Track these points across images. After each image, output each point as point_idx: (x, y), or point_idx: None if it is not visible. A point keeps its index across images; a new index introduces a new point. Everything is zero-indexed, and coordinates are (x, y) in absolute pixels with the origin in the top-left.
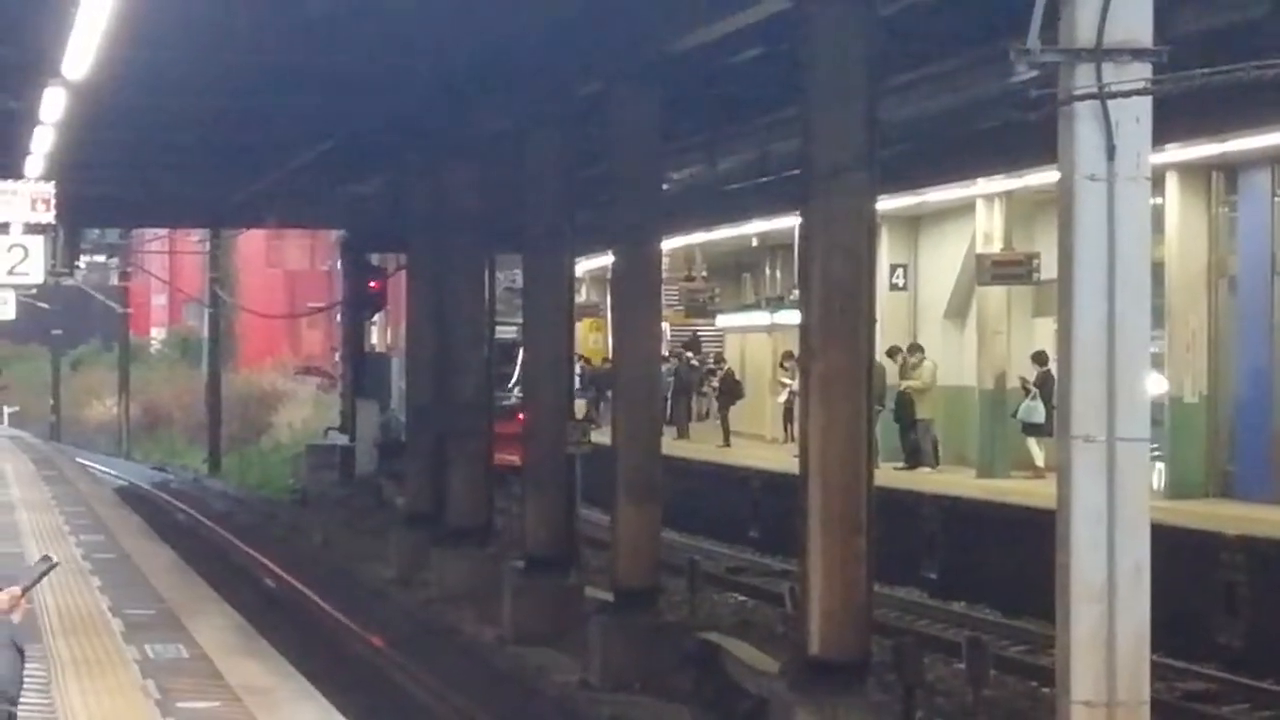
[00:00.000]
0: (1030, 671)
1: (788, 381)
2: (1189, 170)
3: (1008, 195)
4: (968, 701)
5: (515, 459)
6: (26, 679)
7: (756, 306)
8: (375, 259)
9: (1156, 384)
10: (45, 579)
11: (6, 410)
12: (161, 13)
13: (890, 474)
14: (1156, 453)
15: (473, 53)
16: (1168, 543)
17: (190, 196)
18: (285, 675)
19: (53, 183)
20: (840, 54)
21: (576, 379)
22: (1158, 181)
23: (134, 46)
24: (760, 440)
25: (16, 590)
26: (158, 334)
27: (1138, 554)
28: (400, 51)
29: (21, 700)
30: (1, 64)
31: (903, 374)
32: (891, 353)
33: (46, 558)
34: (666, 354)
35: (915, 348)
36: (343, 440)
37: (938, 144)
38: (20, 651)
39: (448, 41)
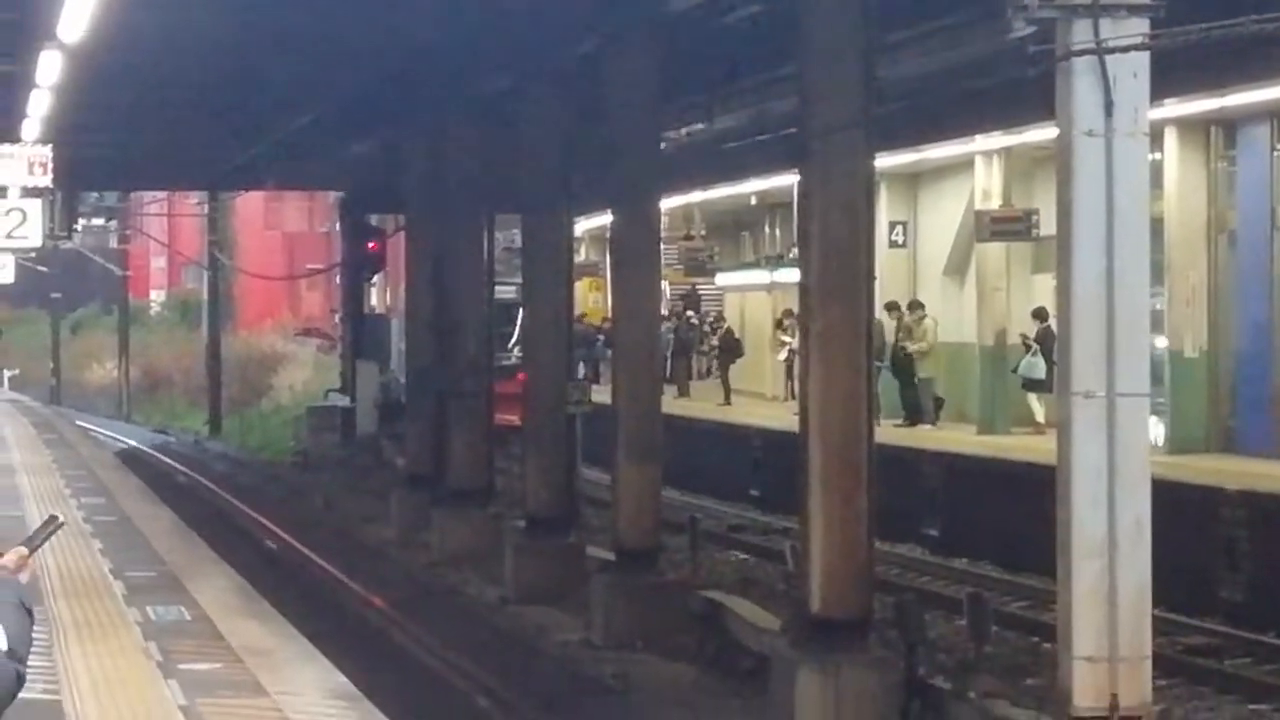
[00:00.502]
0: (1032, 627)
1: (787, 339)
2: (1187, 125)
3: (1006, 151)
4: (970, 657)
5: (515, 419)
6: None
7: (756, 265)
8: (374, 220)
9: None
10: (51, 539)
11: (6, 374)
12: None
13: (891, 431)
14: (1157, 408)
15: (471, 12)
16: (1168, 498)
17: (188, 159)
18: (287, 636)
19: (50, 146)
20: (837, 11)
21: None
22: (1156, 137)
23: (130, 8)
24: (761, 399)
25: (24, 550)
26: (157, 297)
27: (1138, 509)
28: (399, 11)
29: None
30: None
31: (901, 330)
32: (890, 307)
33: (53, 517)
34: (666, 313)
35: (915, 304)
36: (343, 402)
37: (936, 101)
38: (29, 611)
39: (447, 1)
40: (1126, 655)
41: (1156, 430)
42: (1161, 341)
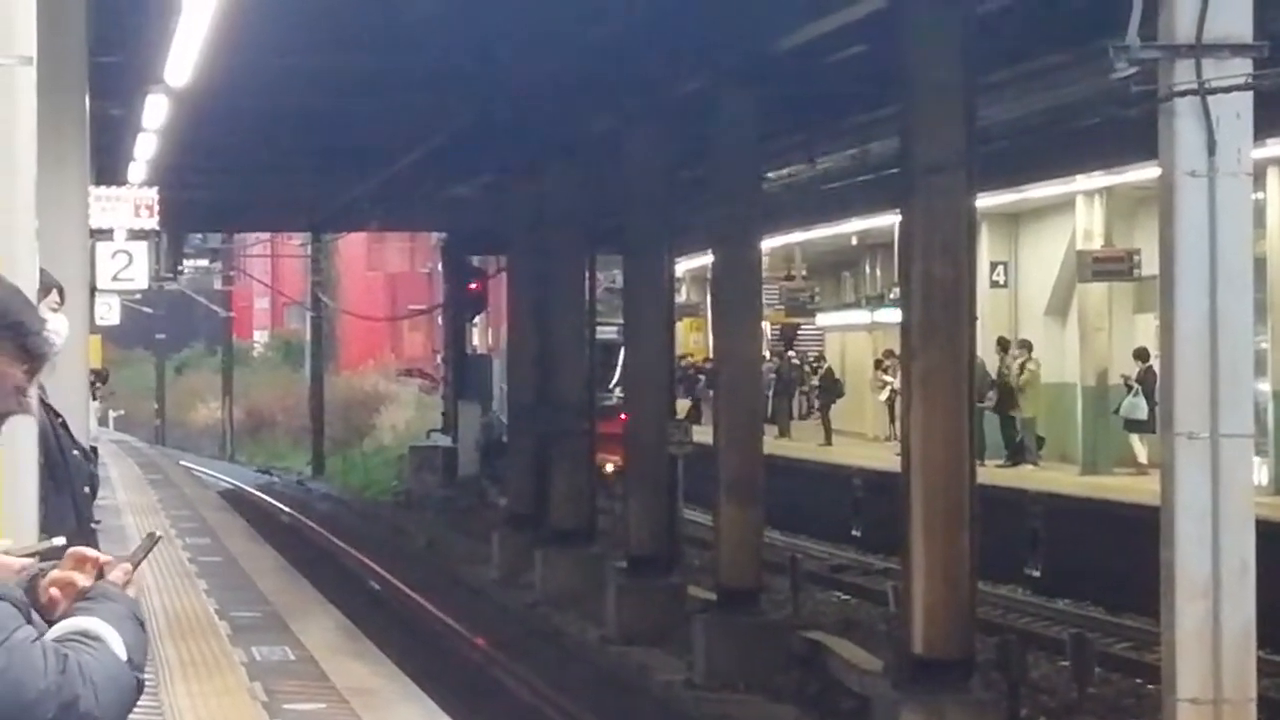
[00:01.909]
0: (1135, 669)
1: (888, 379)
2: None
3: (1108, 191)
4: (1072, 699)
5: (617, 459)
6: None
7: (856, 305)
8: (476, 260)
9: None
10: (151, 556)
11: (112, 414)
12: (262, 18)
13: (993, 471)
14: (1260, 449)
15: (574, 52)
16: (1273, 538)
17: (291, 200)
18: (390, 676)
19: (155, 188)
20: (938, 52)
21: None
22: (1259, 176)
23: (234, 52)
24: (861, 439)
25: (129, 566)
26: (260, 337)
27: (1243, 550)
28: (501, 52)
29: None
30: (104, 72)
31: (1004, 368)
32: (1002, 344)
33: (151, 534)
34: (767, 353)
35: (1023, 343)
36: (445, 442)
37: (1037, 141)
38: (141, 624)
39: (549, 41)
40: (1231, 697)
41: (1260, 472)
42: (1265, 384)
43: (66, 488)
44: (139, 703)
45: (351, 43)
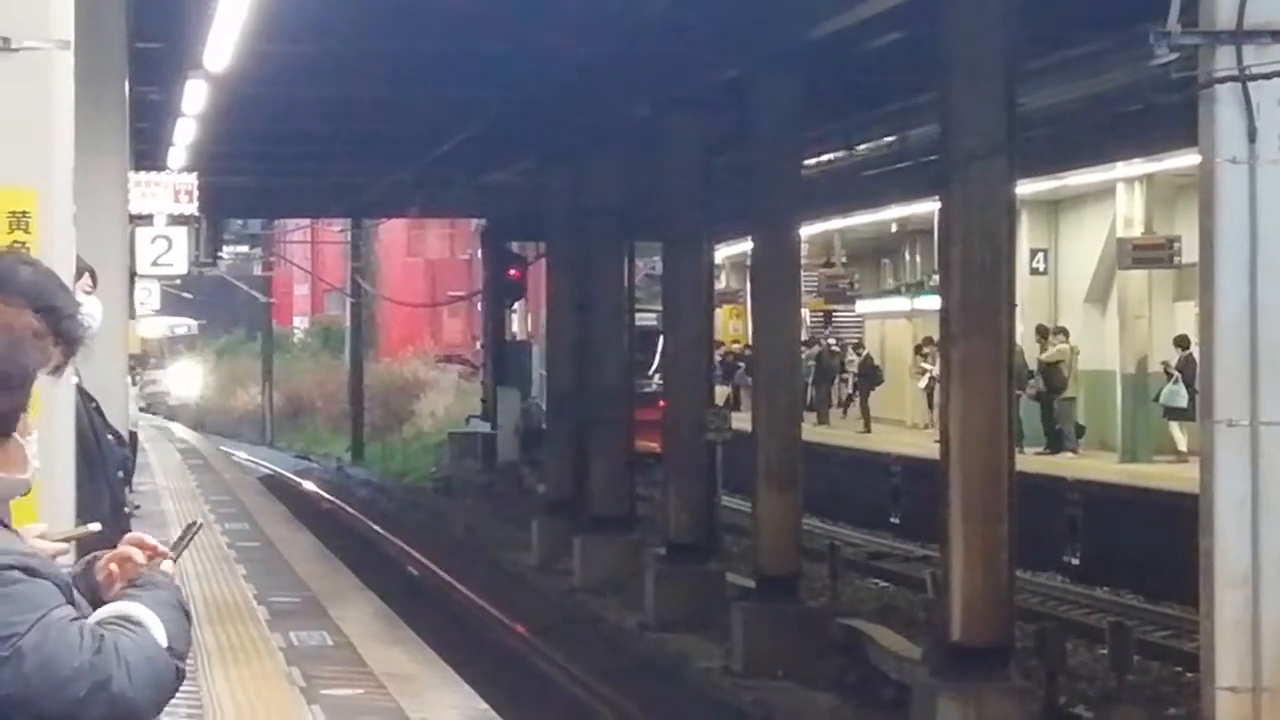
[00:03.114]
0: (1174, 657)
1: (927, 366)
2: None
3: (1148, 179)
4: (1111, 687)
5: (655, 445)
6: None
7: (896, 292)
8: (515, 247)
9: None
10: (191, 543)
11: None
12: (301, 4)
13: (1032, 459)
14: None
15: (613, 39)
16: None
17: (331, 187)
18: (428, 662)
19: (195, 174)
20: (978, 38)
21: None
22: None
23: (274, 38)
24: (900, 425)
25: (171, 555)
26: (300, 323)
27: None
28: (541, 39)
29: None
30: (144, 57)
31: (1046, 354)
32: (1040, 332)
33: (193, 522)
34: (806, 340)
35: (1059, 330)
36: (484, 428)
37: (1077, 128)
38: (186, 613)
39: (588, 28)
40: (1271, 686)
41: None
42: None
43: (101, 473)
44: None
45: (390, 29)
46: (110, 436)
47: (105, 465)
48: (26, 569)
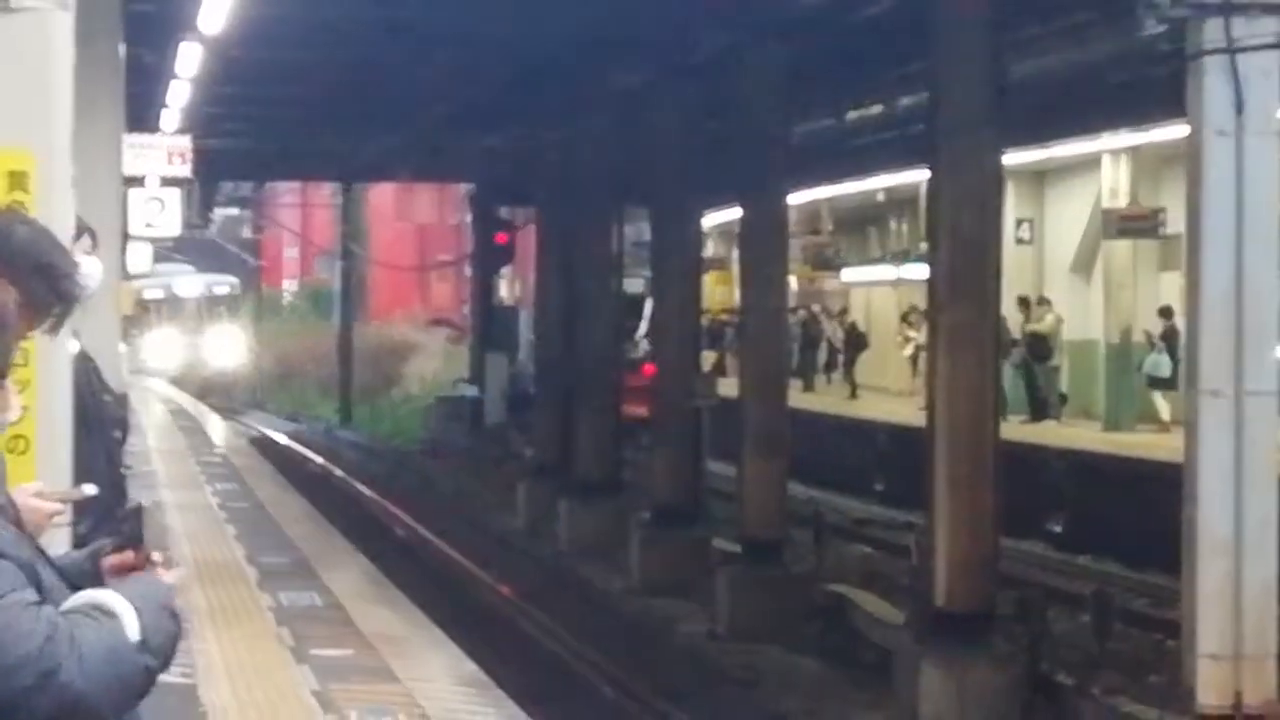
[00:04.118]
0: (1156, 625)
1: (913, 335)
2: None
3: (1134, 150)
4: (1093, 654)
5: (642, 411)
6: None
7: (882, 260)
8: (504, 212)
9: None
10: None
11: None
12: None
13: (1016, 427)
14: None
15: (604, 7)
16: None
17: (322, 150)
18: (417, 623)
19: (188, 136)
20: (966, 8)
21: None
22: None
23: (268, 1)
24: (885, 393)
25: (129, 555)
26: (289, 286)
27: (1265, 508)
28: (532, 5)
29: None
30: (138, 18)
31: (1032, 321)
32: (1022, 302)
33: (139, 505)
34: (793, 307)
35: (1042, 300)
36: (472, 392)
37: (1065, 98)
38: (176, 617)
39: None
40: (1251, 653)
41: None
42: None
43: (98, 432)
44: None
45: None
46: (107, 397)
47: (103, 425)
48: None
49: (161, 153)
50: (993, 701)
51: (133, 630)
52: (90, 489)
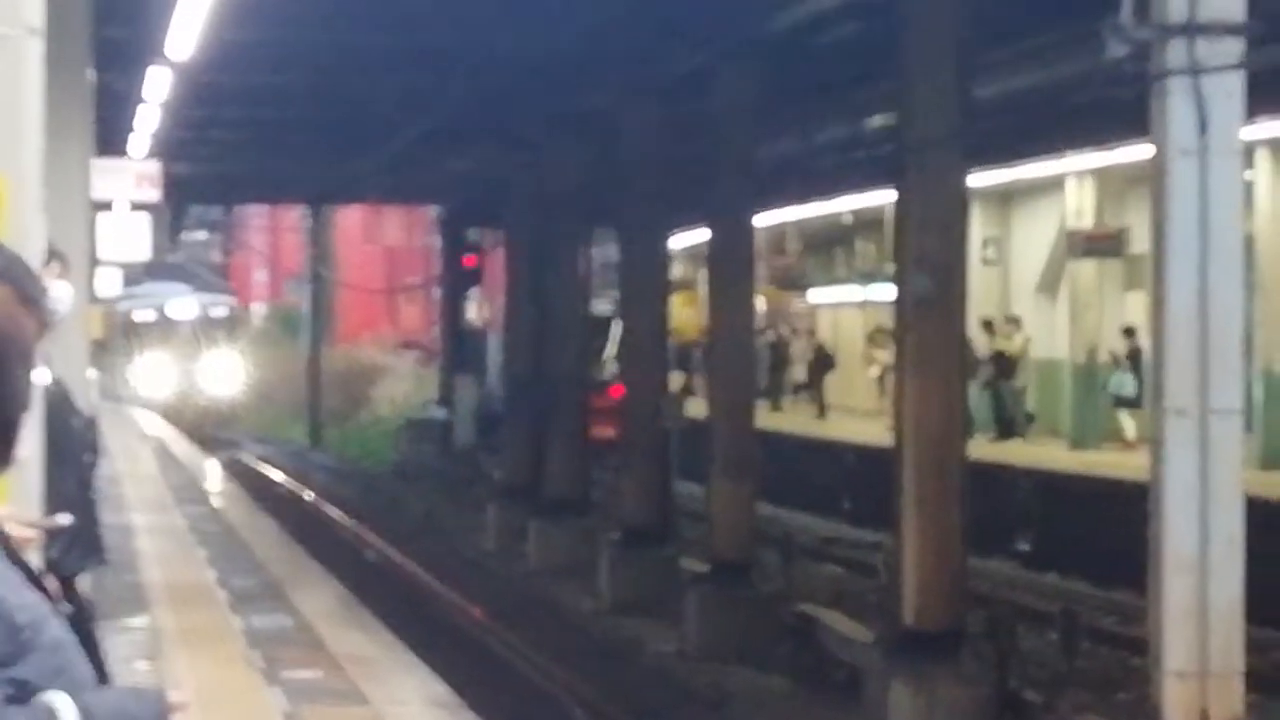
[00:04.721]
0: (1123, 642)
1: (879, 355)
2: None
3: (1099, 171)
4: (1061, 672)
5: (609, 432)
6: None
7: (849, 281)
8: (473, 235)
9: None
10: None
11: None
12: None
13: (983, 446)
14: (1246, 425)
15: (573, 29)
16: (1261, 514)
17: (292, 174)
18: (388, 645)
19: (158, 161)
20: (933, 30)
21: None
22: (1248, 156)
23: (237, 26)
24: (853, 413)
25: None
26: (259, 309)
27: (1231, 525)
28: (500, 28)
29: (120, 678)
30: (107, 44)
31: (999, 341)
32: (987, 325)
33: (60, 523)
34: (761, 328)
35: (1011, 319)
36: (441, 414)
37: (1030, 119)
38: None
39: (548, 18)
40: (1218, 671)
41: (1247, 447)
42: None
43: (68, 455)
44: (136, 670)
45: (352, 18)
46: (76, 421)
47: (73, 449)
48: None
49: (130, 177)
50: (962, 719)
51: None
52: (65, 518)
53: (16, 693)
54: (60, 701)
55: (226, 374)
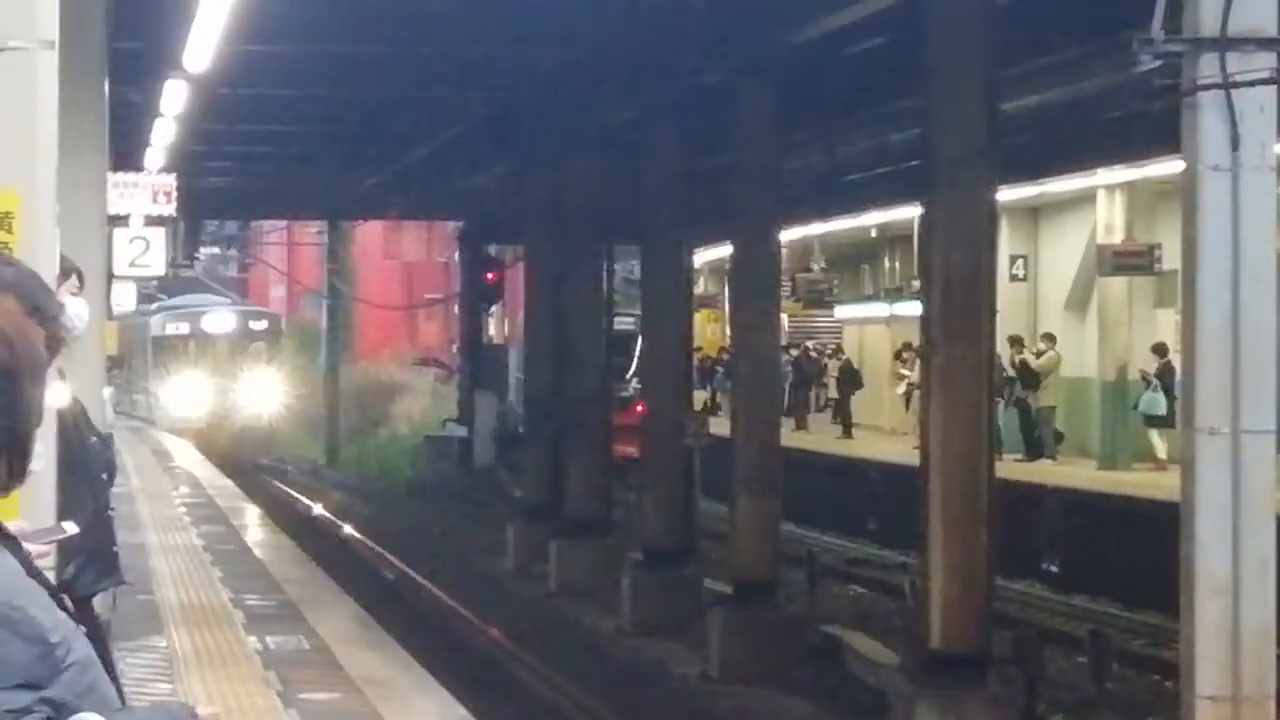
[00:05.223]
0: (1153, 665)
1: (906, 373)
2: None
3: (1129, 186)
4: (1090, 695)
5: (633, 450)
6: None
7: (875, 298)
8: (493, 250)
9: None
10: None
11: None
12: (282, 5)
13: (1011, 466)
14: None
15: (593, 44)
16: None
17: (310, 189)
18: (405, 666)
19: (174, 174)
20: (959, 44)
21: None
22: None
23: (254, 39)
24: (879, 431)
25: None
26: None
27: (1263, 547)
28: (520, 43)
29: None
30: (123, 57)
31: (1019, 363)
32: (1013, 342)
33: (61, 528)
34: (785, 345)
35: (1047, 336)
36: (461, 432)
37: (1059, 134)
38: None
39: (569, 32)
40: (1250, 695)
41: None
42: None
43: (84, 473)
44: (153, 692)
45: (371, 31)
46: (93, 438)
47: (89, 466)
48: (9, 624)
49: (146, 191)
50: None
51: None
52: (71, 527)
53: (53, 714)
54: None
55: (267, 392)
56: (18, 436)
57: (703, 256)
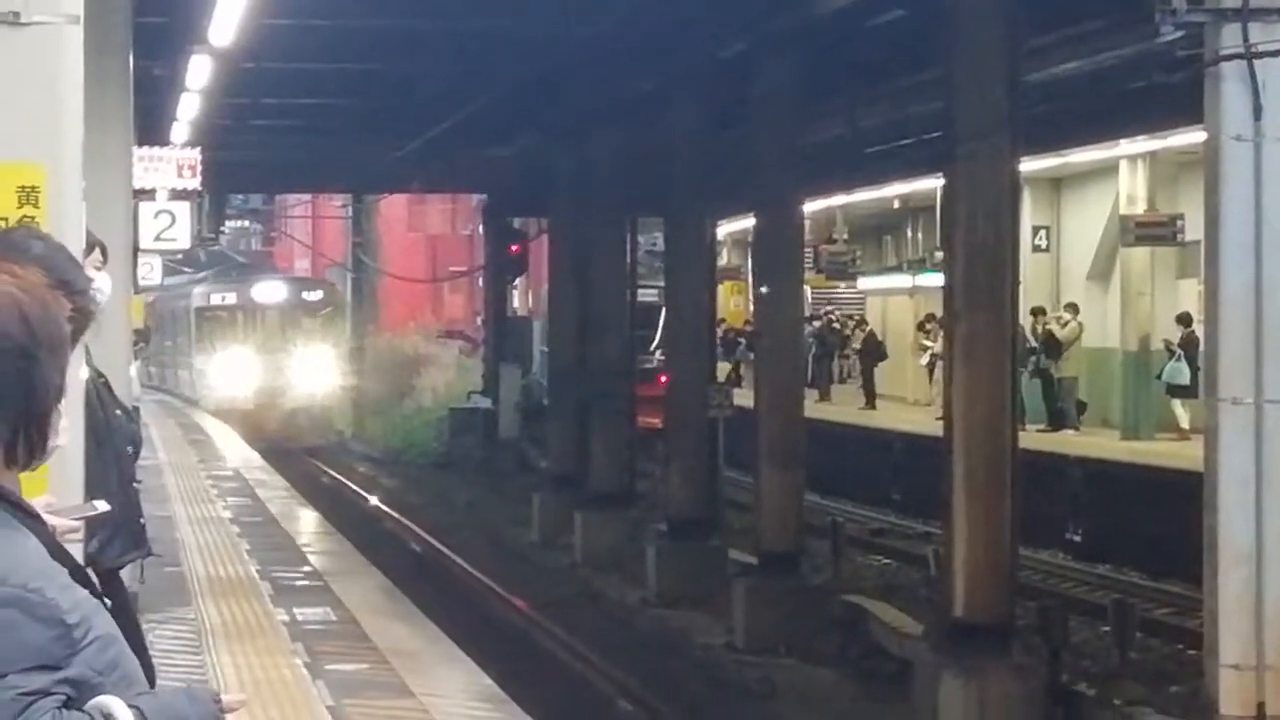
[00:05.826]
0: (1177, 634)
1: (929, 344)
2: None
3: (1151, 156)
4: (1113, 664)
5: (657, 422)
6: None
7: (898, 269)
8: (517, 223)
9: None
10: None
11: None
12: None
13: (1034, 436)
14: None
15: (617, 16)
16: None
17: (334, 162)
18: (432, 638)
19: (198, 149)
20: (983, 15)
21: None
22: None
23: (277, 13)
24: (902, 402)
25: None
26: None
27: None
28: (544, 14)
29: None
30: (148, 31)
31: (1042, 333)
32: (1036, 312)
33: (92, 504)
34: (809, 316)
35: (1070, 306)
36: (485, 404)
37: (1081, 105)
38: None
39: (592, 4)
40: (1274, 663)
41: None
42: None
43: (109, 448)
44: (181, 663)
45: (395, 5)
46: (119, 412)
47: (114, 440)
48: (25, 606)
49: (171, 165)
50: (1013, 713)
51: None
52: (102, 505)
53: (73, 693)
54: (115, 706)
55: (323, 370)
56: (36, 414)
57: (726, 228)
